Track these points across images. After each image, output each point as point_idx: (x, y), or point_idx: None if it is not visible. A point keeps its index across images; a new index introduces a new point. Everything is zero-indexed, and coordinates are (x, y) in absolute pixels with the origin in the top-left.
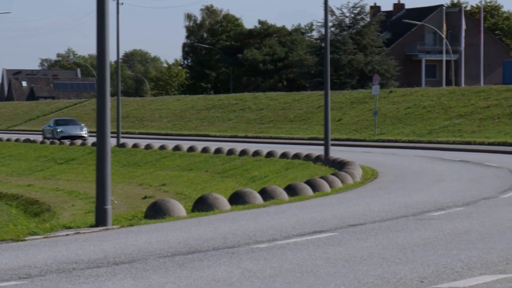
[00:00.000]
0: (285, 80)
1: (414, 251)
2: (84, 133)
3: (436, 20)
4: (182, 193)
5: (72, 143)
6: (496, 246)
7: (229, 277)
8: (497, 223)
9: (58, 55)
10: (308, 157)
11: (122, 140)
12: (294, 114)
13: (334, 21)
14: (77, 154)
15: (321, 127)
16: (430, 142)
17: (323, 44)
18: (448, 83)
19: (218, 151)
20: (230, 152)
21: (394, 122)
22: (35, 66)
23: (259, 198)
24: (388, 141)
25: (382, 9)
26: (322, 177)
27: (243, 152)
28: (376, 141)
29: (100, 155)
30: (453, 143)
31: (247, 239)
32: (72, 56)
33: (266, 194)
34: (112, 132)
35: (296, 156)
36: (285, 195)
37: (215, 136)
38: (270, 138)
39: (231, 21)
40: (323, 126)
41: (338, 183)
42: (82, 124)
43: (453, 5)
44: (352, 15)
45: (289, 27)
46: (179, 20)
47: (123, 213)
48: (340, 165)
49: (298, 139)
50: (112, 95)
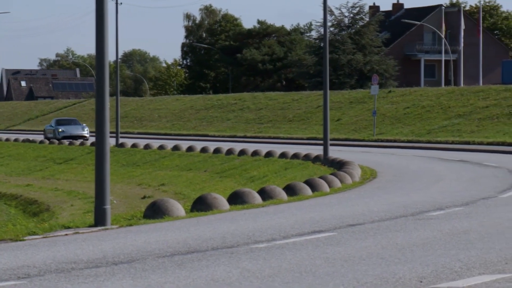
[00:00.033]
0: (284, 80)
1: (413, 251)
2: (86, 133)
3: (435, 20)
4: (181, 193)
5: (71, 143)
6: (495, 246)
7: (228, 277)
8: (496, 223)
9: (57, 55)
10: (307, 157)
11: (121, 140)
12: (293, 114)
13: (333, 21)
14: (76, 154)
15: (320, 127)
16: (429, 142)
17: (322, 44)
18: (447, 83)
19: (217, 151)
20: (229, 152)
21: (393, 122)
22: (34, 66)
23: (258, 198)
24: (387, 141)
25: (381, 9)
26: (321, 177)
27: (242, 152)
28: (375, 141)
29: (99, 155)
30: (452, 143)
31: (246, 239)
32: (71, 56)
33: (265, 194)
34: (111, 132)
35: (295, 156)
36: (284, 195)
37: (214, 136)
38: (269, 138)
39: (230, 21)
40: (322, 126)
41: (337, 183)
42: (84, 124)
43: (452, 5)
44: (351, 15)
45: (288, 27)
46: (178, 20)
47: (122, 213)
48: (339, 165)
49: (297, 139)
50: (111, 95)
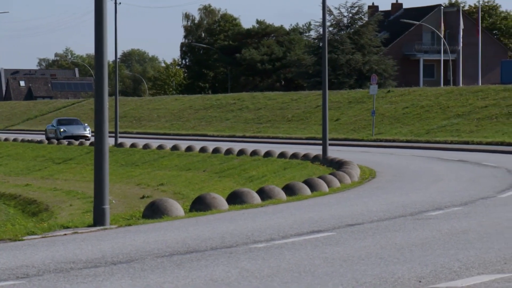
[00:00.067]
0: (283, 80)
1: (412, 251)
2: (88, 133)
3: (434, 20)
4: (180, 193)
5: (70, 143)
6: (494, 246)
7: (227, 277)
8: (495, 223)
9: (56, 55)
10: (306, 157)
11: (120, 140)
12: (292, 114)
13: (332, 21)
14: (75, 154)
15: (319, 127)
16: (428, 142)
17: (321, 44)
18: (446, 83)
19: (216, 151)
20: (228, 152)
21: (392, 122)
22: (33, 66)
23: (257, 198)
24: (386, 141)
25: (380, 9)
26: (320, 177)
27: (241, 152)
28: (374, 141)
29: (98, 155)
30: (451, 143)
31: (245, 239)
32: (70, 56)
33: (264, 194)
34: (110, 132)
35: (294, 156)
36: (283, 195)
37: (213, 136)
38: (268, 138)
39: (229, 21)
40: (321, 126)
41: (336, 183)
42: (86, 124)
43: (451, 5)
44: (350, 15)
45: (287, 27)
46: (177, 20)
47: (121, 213)
48: (338, 165)
49: (296, 139)
50: (110, 95)
